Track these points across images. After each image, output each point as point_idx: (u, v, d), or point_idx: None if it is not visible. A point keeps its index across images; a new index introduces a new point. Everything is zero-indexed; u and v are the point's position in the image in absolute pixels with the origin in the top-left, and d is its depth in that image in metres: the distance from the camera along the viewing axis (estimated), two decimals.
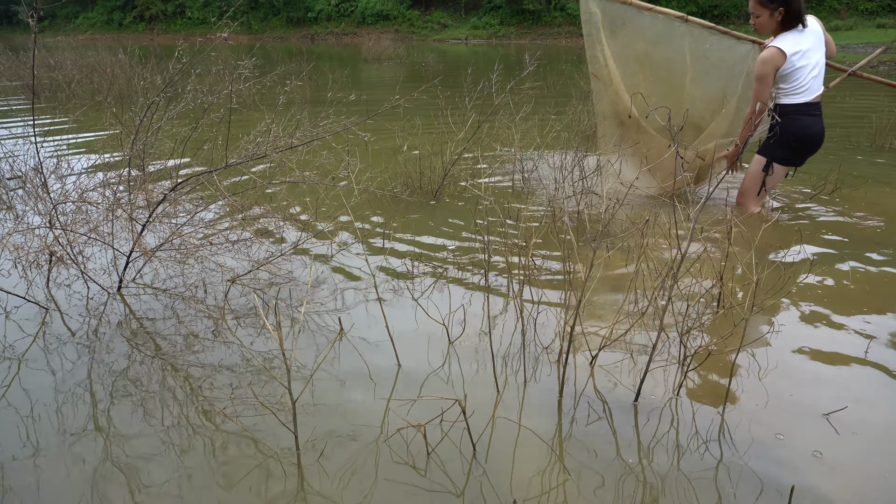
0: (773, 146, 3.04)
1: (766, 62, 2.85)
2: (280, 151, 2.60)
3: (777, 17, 2.87)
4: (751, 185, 3.17)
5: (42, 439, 1.62)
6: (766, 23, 2.92)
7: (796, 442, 1.62)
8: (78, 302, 2.40)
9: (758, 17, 2.92)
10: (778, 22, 2.89)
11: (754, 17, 2.95)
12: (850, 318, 2.27)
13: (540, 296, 2.43)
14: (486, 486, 1.47)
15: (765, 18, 2.90)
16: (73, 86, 7.77)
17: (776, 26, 2.92)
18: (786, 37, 2.89)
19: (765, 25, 2.94)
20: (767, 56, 2.85)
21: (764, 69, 2.86)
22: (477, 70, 8.48)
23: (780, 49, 2.85)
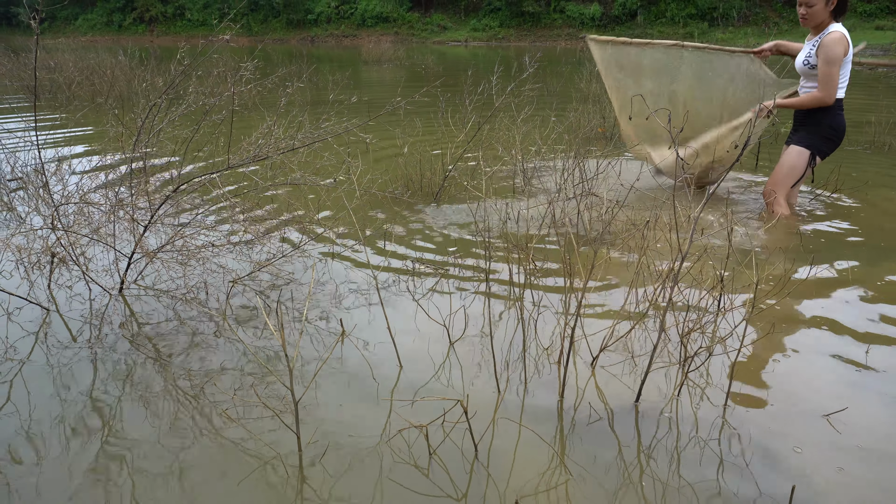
0: (819, 139, 3.07)
1: (838, 43, 2.85)
2: (281, 153, 2.61)
3: (830, 6, 2.88)
4: (787, 178, 3.15)
5: (44, 440, 1.63)
6: (820, 11, 2.90)
7: (797, 443, 1.63)
8: (80, 303, 2.41)
9: (812, 6, 2.90)
10: (830, 11, 2.91)
11: (807, 6, 2.91)
12: (851, 319, 2.28)
13: (540, 297, 2.44)
14: (488, 486, 1.47)
15: (820, 6, 2.89)
16: (74, 87, 7.78)
17: (827, 16, 2.93)
18: (839, 27, 2.92)
19: (817, 14, 2.92)
20: (838, 37, 2.85)
21: (837, 50, 2.85)
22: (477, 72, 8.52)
23: (844, 35, 2.87)
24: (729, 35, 26.29)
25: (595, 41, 3.52)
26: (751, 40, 22.43)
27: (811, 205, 3.63)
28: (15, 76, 9.14)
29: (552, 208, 3.04)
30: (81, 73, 8.14)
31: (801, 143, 3.12)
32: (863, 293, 2.49)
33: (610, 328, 1.98)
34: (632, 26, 29.04)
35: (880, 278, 2.63)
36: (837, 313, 2.33)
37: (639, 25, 28.96)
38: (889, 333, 2.18)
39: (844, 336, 2.17)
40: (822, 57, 2.91)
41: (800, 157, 3.11)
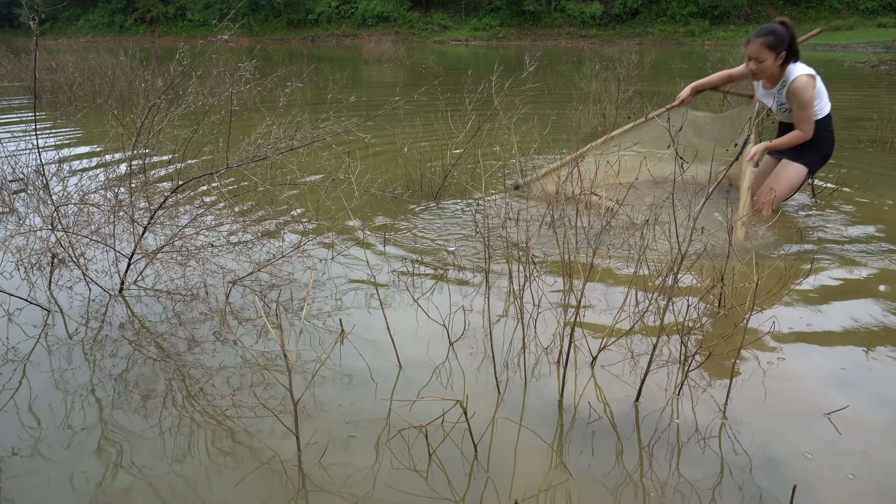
0: (818, 158, 3.15)
1: (807, 88, 2.96)
2: (281, 153, 2.61)
3: (779, 60, 2.97)
4: (783, 194, 3.21)
5: (44, 441, 1.63)
6: (770, 66, 2.99)
7: (798, 441, 1.62)
8: (80, 304, 2.41)
9: (762, 61, 2.97)
10: (779, 65, 3.00)
11: (756, 62, 2.99)
12: (851, 318, 2.27)
13: (540, 296, 2.44)
14: (487, 487, 1.47)
15: (769, 62, 2.97)
16: (75, 88, 7.79)
17: (775, 70, 3.02)
18: (797, 65, 3.02)
19: (768, 69, 3.00)
20: (804, 83, 2.97)
21: (808, 95, 2.97)
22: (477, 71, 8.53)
23: (810, 74, 2.99)
24: (730, 33, 26.27)
25: (535, 180, 3.48)
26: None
27: (813, 203, 3.62)
28: (16, 77, 9.15)
29: (551, 208, 3.03)
30: (82, 74, 8.15)
31: (801, 161, 3.15)
32: (864, 291, 2.49)
33: (609, 328, 1.97)
34: (633, 25, 29.02)
35: (881, 276, 2.63)
36: (838, 311, 2.32)
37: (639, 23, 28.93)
38: (890, 332, 2.17)
39: (846, 335, 2.16)
40: (795, 103, 3.01)
41: (799, 175, 3.16)
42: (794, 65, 3.00)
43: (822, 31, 3.80)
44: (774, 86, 3.10)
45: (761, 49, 2.94)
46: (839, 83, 10.76)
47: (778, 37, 2.91)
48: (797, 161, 3.15)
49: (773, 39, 2.91)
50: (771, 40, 2.91)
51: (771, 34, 2.92)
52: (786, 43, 2.92)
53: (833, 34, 24.12)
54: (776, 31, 2.92)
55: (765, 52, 2.94)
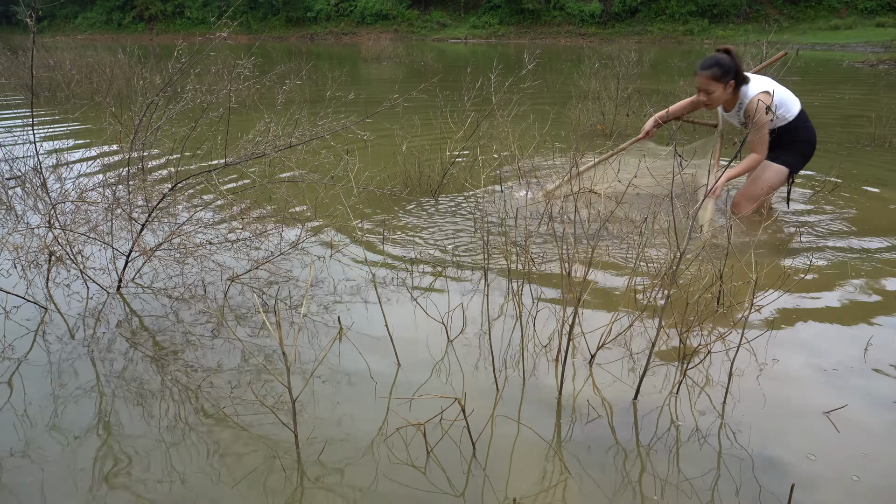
0: (798, 157, 3.12)
1: (760, 109, 2.92)
2: (279, 151, 2.60)
3: (729, 88, 2.96)
4: (764, 195, 3.18)
5: (41, 439, 1.62)
6: (720, 96, 2.98)
7: (796, 440, 1.62)
8: (77, 302, 2.40)
9: (711, 93, 2.97)
10: (729, 93, 2.98)
11: (705, 94, 2.99)
12: (850, 316, 2.27)
13: (539, 294, 2.43)
14: (485, 484, 1.47)
15: (719, 93, 2.97)
16: (73, 86, 7.77)
17: (727, 97, 3.00)
18: (749, 86, 2.98)
19: (718, 99, 3.00)
20: (762, 99, 2.93)
21: (762, 116, 2.92)
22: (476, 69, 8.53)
23: (764, 92, 2.95)
24: (729, 32, 26.26)
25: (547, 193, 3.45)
26: (751, 37, 22.38)
27: (811, 201, 3.62)
28: (13, 74, 9.13)
29: (549, 206, 3.03)
30: (80, 72, 8.13)
31: (780, 161, 3.11)
32: (862, 290, 2.49)
33: (608, 326, 1.97)
34: (632, 23, 29.01)
35: (880, 275, 2.63)
36: (837, 310, 2.32)
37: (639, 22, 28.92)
38: (889, 330, 2.17)
39: (845, 333, 2.16)
40: (752, 123, 2.98)
41: (779, 176, 3.12)
42: (747, 85, 2.99)
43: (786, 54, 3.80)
44: (732, 108, 3.11)
45: (708, 82, 2.95)
46: (838, 82, 10.76)
47: (722, 68, 2.92)
48: (776, 162, 3.11)
49: (718, 71, 2.92)
50: (716, 72, 2.92)
51: (715, 66, 2.93)
52: (732, 71, 2.92)
53: (832, 33, 24.14)
54: (720, 63, 2.92)
55: (712, 84, 2.95)
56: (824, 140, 5.44)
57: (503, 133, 3.95)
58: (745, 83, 2.99)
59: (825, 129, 5.90)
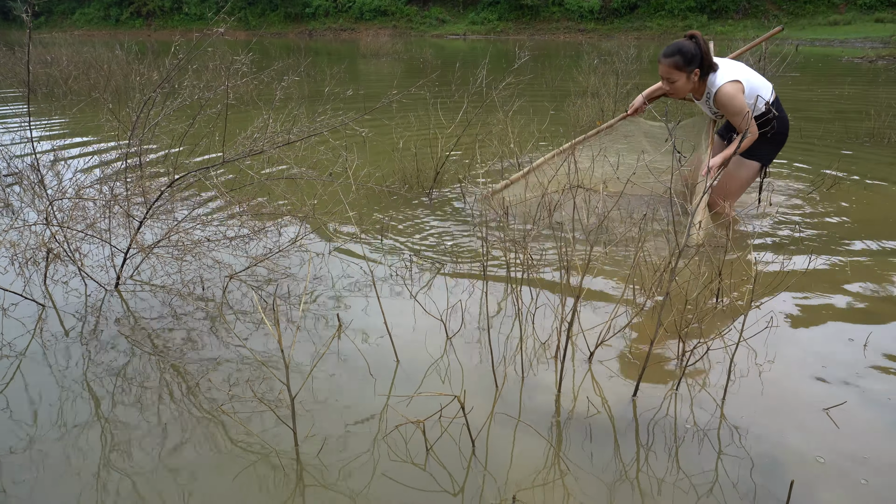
0: (769, 149, 2.96)
1: (733, 95, 2.77)
2: (277, 147, 2.59)
3: (694, 77, 2.82)
4: (740, 190, 3.09)
5: (40, 437, 1.62)
6: (684, 84, 2.85)
7: (796, 436, 1.62)
8: (75, 299, 2.40)
9: (674, 81, 2.84)
10: (695, 81, 2.84)
11: (669, 82, 2.86)
12: (850, 313, 2.27)
13: (538, 291, 2.43)
14: (485, 481, 1.47)
15: (682, 82, 2.83)
16: (70, 82, 7.74)
17: (693, 86, 2.87)
18: (717, 74, 2.83)
19: (682, 88, 2.87)
20: (730, 91, 2.78)
21: (737, 102, 2.77)
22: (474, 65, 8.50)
23: (732, 81, 2.80)
24: (728, 28, 26.22)
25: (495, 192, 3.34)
26: (750, 33, 22.36)
27: (810, 198, 3.62)
28: (10, 71, 9.10)
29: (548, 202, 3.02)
30: (78, 68, 8.10)
31: (753, 156, 2.99)
32: (861, 287, 2.49)
33: (607, 322, 1.97)
34: (631, 19, 28.96)
35: (879, 272, 2.62)
36: (836, 307, 2.32)
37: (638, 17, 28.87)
38: (888, 328, 2.17)
39: (844, 329, 2.16)
40: (726, 112, 2.84)
41: (752, 170, 3.01)
42: (715, 74, 2.83)
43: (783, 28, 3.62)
44: (702, 97, 2.97)
45: (670, 70, 2.81)
46: (837, 78, 10.75)
47: (685, 56, 2.76)
48: (748, 157, 2.98)
49: (680, 60, 2.77)
50: (678, 61, 2.77)
51: (677, 54, 2.77)
52: (697, 59, 2.77)
53: (831, 29, 24.11)
54: (683, 50, 2.76)
55: (674, 73, 2.81)
56: (823, 136, 5.45)
57: (500, 128, 3.94)
58: (713, 71, 2.83)
59: (824, 124, 5.90)
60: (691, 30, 2.87)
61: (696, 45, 2.76)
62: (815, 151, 4.96)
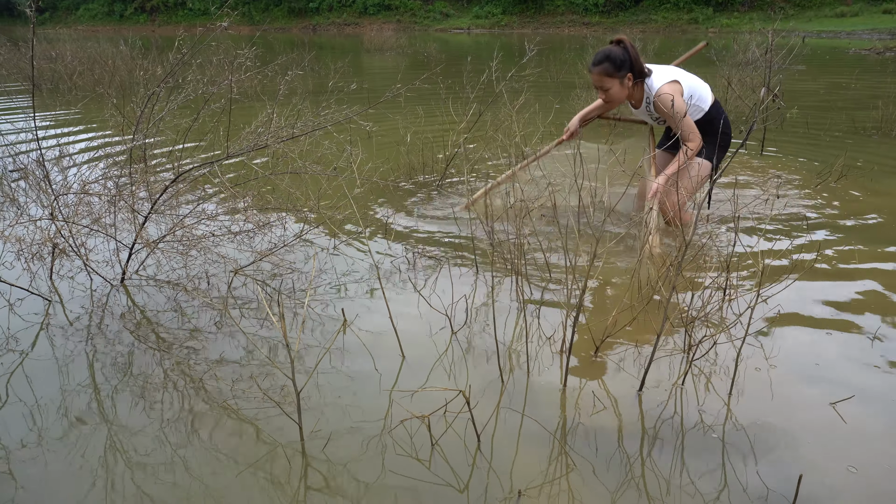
0: (710, 149, 2.79)
1: (676, 96, 2.65)
2: (282, 141, 2.59)
3: (627, 82, 2.70)
4: (690, 195, 2.91)
5: (47, 430, 1.63)
6: (619, 91, 2.72)
7: (803, 431, 1.61)
8: (81, 294, 2.40)
9: (607, 89, 2.71)
10: (629, 87, 2.73)
11: (602, 90, 2.73)
12: (857, 306, 2.26)
13: (543, 286, 2.42)
14: (490, 476, 1.47)
15: (616, 89, 2.71)
16: (75, 77, 7.75)
17: (629, 91, 2.75)
18: (653, 78, 2.72)
19: (617, 95, 2.74)
20: (671, 91, 2.66)
21: (677, 105, 2.64)
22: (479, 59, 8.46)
23: (671, 82, 2.69)
24: (734, 20, 26.04)
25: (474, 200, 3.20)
26: (756, 25, 22.18)
27: (817, 191, 3.60)
28: (14, 66, 9.12)
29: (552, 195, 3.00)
30: (82, 64, 8.11)
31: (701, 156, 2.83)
32: (869, 281, 2.47)
33: (613, 317, 1.96)
34: (636, 12, 28.78)
35: (886, 266, 2.61)
36: (843, 301, 2.31)
37: (643, 10, 28.69)
38: (895, 320, 2.16)
39: (851, 323, 2.15)
40: (666, 116, 2.71)
41: (703, 171, 2.82)
42: (650, 78, 2.72)
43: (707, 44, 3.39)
44: (640, 104, 2.83)
45: (601, 78, 2.69)
46: (844, 70, 10.67)
47: (614, 62, 2.65)
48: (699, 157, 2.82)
49: (610, 67, 2.66)
50: (608, 68, 2.66)
51: (605, 60, 2.66)
52: (626, 64, 2.66)
53: (838, 21, 23.91)
54: (611, 56, 2.65)
55: (606, 80, 2.69)
56: (830, 128, 5.41)
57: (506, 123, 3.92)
58: (647, 76, 2.72)
59: (831, 117, 5.86)
60: (617, 35, 2.75)
61: (624, 49, 2.67)
62: (821, 144, 4.92)
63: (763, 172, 4.08)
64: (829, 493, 1.41)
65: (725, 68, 7.53)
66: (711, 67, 7.75)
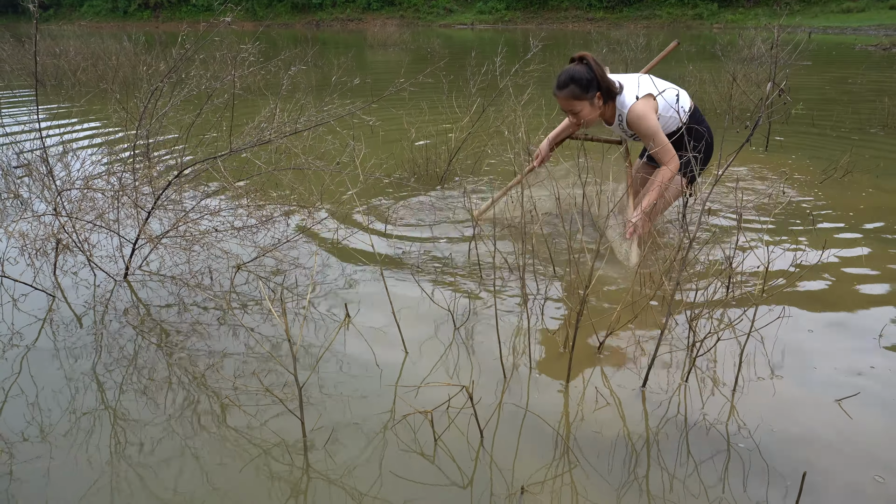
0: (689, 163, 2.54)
1: (645, 115, 2.47)
2: (285, 137, 2.58)
3: (598, 102, 2.51)
4: (664, 209, 2.77)
5: (50, 425, 1.63)
6: (590, 112, 2.52)
7: (808, 428, 1.60)
8: (85, 289, 2.41)
9: (577, 112, 2.51)
10: (600, 106, 2.54)
11: (573, 114, 2.53)
12: (862, 303, 2.25)
13: (547, 281, 2.42)
14: (493, 472, 1.46)
15: (587, 110, 2.51)
16: (79, 73, 7.76)
17: (600, 111, 2.56)
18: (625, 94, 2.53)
19: (589, 116, 2.54)
20: (643, 109, 2.47)
21: (650, 122, 2.47)
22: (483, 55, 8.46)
23: (646, 95, 2.50)
24: (739, 16, 25.93)
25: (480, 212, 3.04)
26: (761, 21, 22.07)
27: (823, 187, 3.58)
28: (18, 62, 9.13)
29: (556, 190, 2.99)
30: (86, 60, 8.12)
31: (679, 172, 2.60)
32: (874, 277, 2.45)
33: (617, 313, 1.95)
34: (640, 7, 28.68)
35: (892, 262, 2.59)
36: (849, 297, 2.29)
37: (647, 6, 28.58)
38: None
39: (856, 319, 2.14)
40: (641, 134, 2.53)
41: (676, 188, 2.66)
42: (622, 95, 2.52)
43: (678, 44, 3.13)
44: (613, 121, 2.63)
45: (570, 102, 2.48)
46: (850, 66, 10.61)
47: (580, 84, 2.45)
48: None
49: (576, 89, 2.45)
50: (575, 91, 2.45)
51: (570, 83, 2.45)
52: (594, 82, 2.46)
53: (844, 16, 23.78)
54: (575, 78, 2.44)
55: (575, 104, 2.48)
56: (836, 125, 5.38)
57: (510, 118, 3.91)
58: (616, 91, 2.52)
59: (836, 113, 5.82)
60: (580, 51, 2.56)
61: (587, 68, 2.47)
62: (827, 140, 4.90)
63: (768, 168, 4.06)
64: (834, 491, 1.41)
65: (730, 64, 7.49)
66: (716, 63, 7.72)
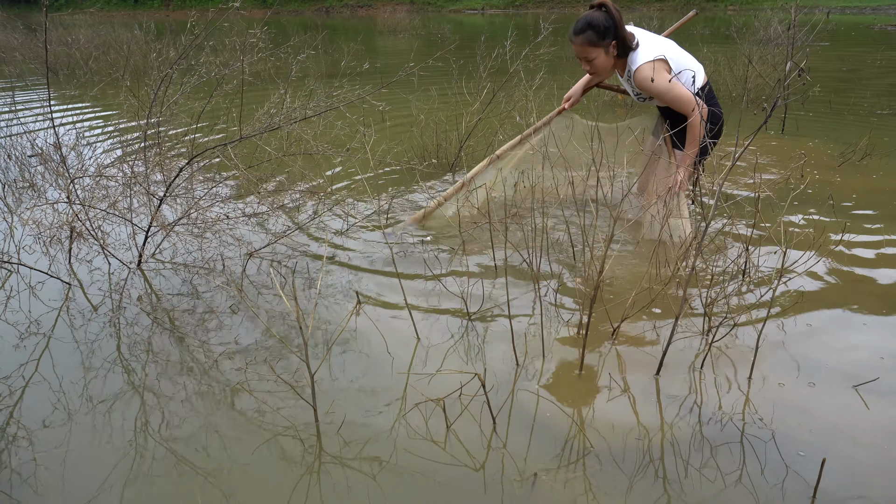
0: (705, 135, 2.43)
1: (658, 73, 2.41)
2: (294, 123, 2.57)
3: (613, 50, 2.46)
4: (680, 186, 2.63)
5: (69, 411, 1.64)
6: (604, 61, 2.49)
7: (826, 414, 1.58)
8: (100, 277, 2.42)
9: (592, 59, 2.48)
10: (614, 56, 2.49)
11: (587, 62, 2.50)
12: (881, 288, 2.21)
13: (560, 267, 2.40)
14: (505, 459, 1.46)
15: (601, 58, 2.47)
16: (90, 62, 7.78)
17: (614, 61, 2.51)
18: (640, 50, 2.47)
19: (603, 65, 2.50)
20: (650, 70, 2.41)
21: (661, 79, 2.40)
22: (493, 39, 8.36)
23: (657, 59, 2.43)
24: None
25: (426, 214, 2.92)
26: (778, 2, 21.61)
27: (841, 170, 3.51)
28: (30, 51, 9.17)
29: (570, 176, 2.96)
30: (98, 49, 8.14)
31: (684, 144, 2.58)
32: (893, 261, 2.41)
33: (631, 298, 1.93)
34: None
35: None
36: (868, 282, 2.25)
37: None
38: None
39: (874, 305, 2.10)
40: (653, 91, 2.47)
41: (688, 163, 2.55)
42: (635, 52, 2.47)
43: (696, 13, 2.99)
44: (624, 74, 2.59)
45: (585, 49, 2.45)
46: (868, 47, 10.38)
47: (597, 30, 2.40)
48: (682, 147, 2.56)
49: (593, 35, 2.41)
50: (591, 37, 2.41)
51: (588, 29, 2.41)
52: (612, 30, 2.41)
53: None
54: (593, 24, 2.40)
55: (590, 50, 2.44)
56: (854, 107, 5.27)
57: (521, 103, 3.87)
58: (629, 43, 2.47)
59: (855, 94, 5.71)
60: None
61: (607, 15, 2.43)
62: (845, 122, 4.80)
63: (786, 150, 3.99)
64: (853, 477, 1.39)
65: (746, 45, 7.35)
66: (731, 45, 7.58)
